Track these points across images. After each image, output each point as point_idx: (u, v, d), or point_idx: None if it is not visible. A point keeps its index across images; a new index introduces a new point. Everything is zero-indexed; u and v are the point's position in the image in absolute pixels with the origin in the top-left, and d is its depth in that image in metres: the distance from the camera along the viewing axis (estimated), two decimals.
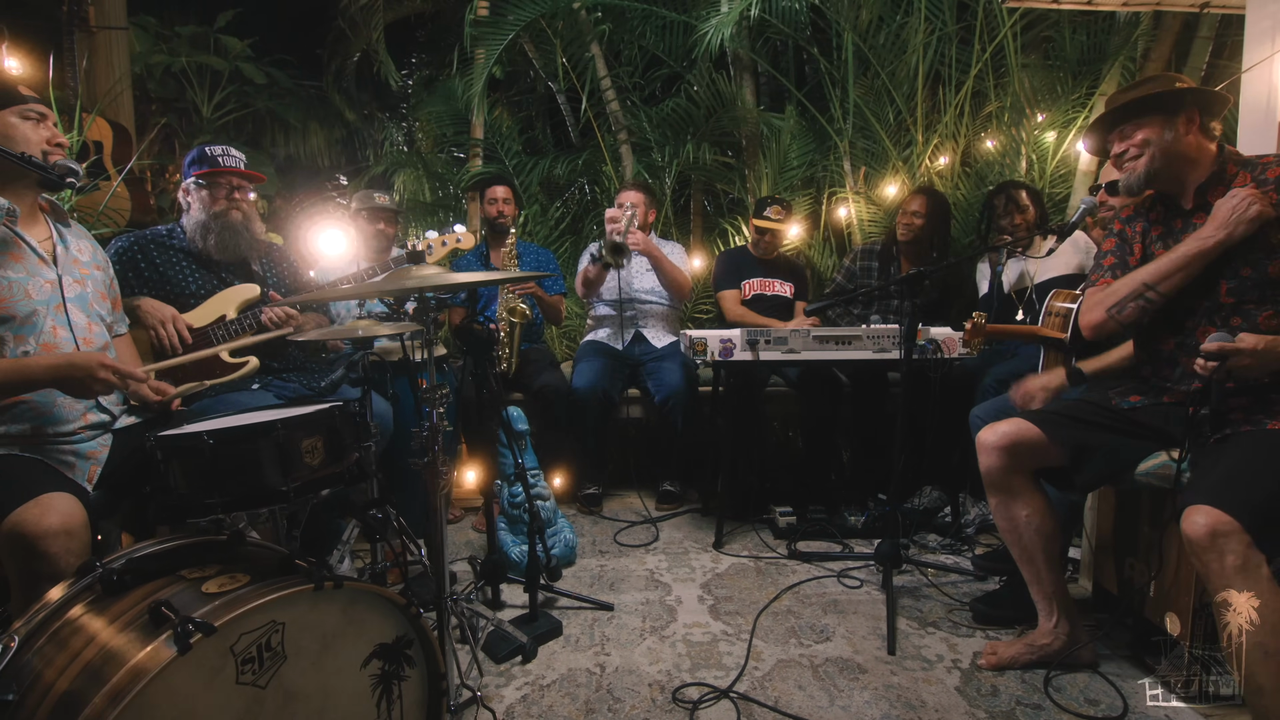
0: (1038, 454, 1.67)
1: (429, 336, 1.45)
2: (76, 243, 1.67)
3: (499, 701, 1.62)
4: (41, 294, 1.51)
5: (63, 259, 1.59)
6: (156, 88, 4.65)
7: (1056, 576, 1.71)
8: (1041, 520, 1.68)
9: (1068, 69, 3.42)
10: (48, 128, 1.56)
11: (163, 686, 0.92)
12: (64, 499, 1.32)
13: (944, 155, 3.67)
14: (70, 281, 1.58)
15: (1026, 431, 1.67)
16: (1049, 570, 1.70)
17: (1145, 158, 1.59)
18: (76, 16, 3.16)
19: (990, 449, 1.69)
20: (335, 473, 1.44)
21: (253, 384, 2.08)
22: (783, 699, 1.62)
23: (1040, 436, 1.65)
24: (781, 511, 2.63)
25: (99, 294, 1.67)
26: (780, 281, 3.18)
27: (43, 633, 1.07)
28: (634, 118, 4.07)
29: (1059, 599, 1.70)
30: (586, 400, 2.76)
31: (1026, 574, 1.73)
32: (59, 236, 1.61)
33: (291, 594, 1.03)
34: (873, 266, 3.09)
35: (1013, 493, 1.69)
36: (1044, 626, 1.73)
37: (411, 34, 5.64)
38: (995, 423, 1.72)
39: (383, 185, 4.92)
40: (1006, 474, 1.68)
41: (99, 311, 1.65)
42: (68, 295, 1.56)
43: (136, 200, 3.14)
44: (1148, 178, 1.61)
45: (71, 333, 1.55)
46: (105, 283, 1.73)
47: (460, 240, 2.45)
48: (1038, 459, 1.67)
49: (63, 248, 1.60)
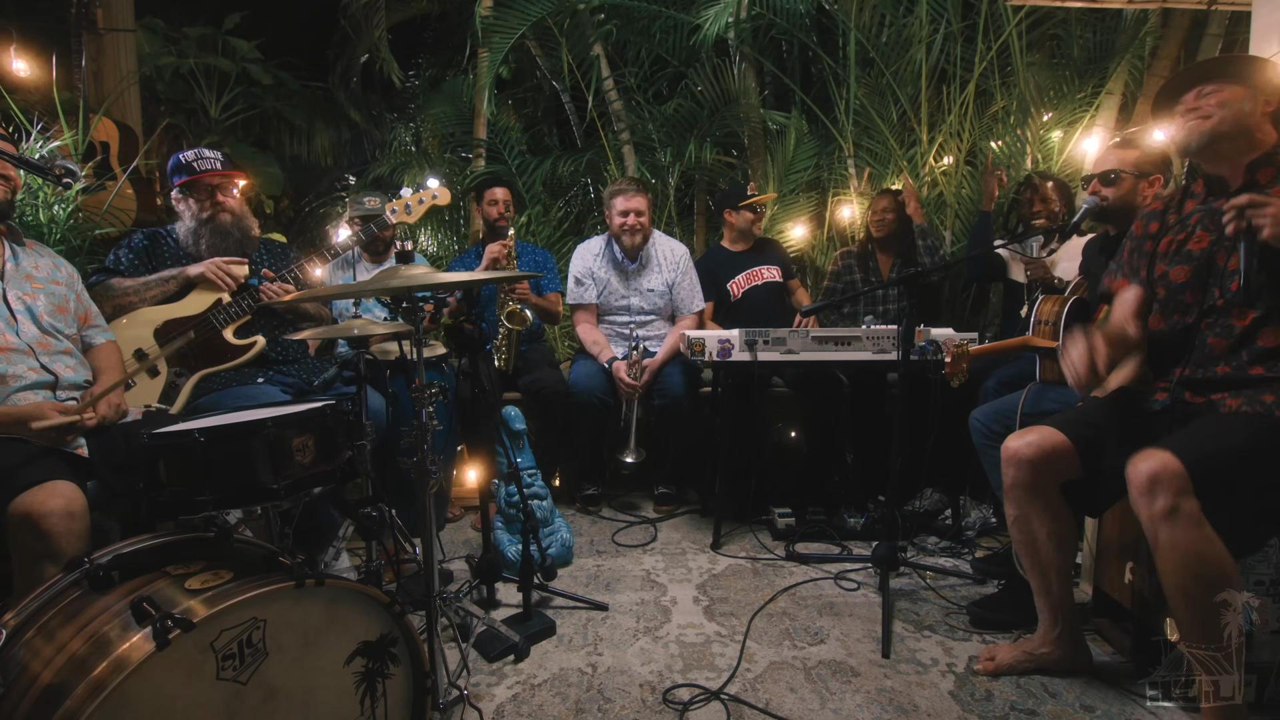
0: (1066, 466, 1.60)
1: (418, 336, 1.45)
2: (33, 260, 1.78)
3: (489, 700, 1.62)
4: None
5: (11, 275, 1.71)
6: (165, 89, 4.70)
7: (1066, 589, 1.67)
8: (1061, 538, 1.63)
9: (1074, 67, 3.39)
10: None
11: (143, 681, 0.93)
12: (66, 485, 1.42)
13: (948, 155, 3.65)
14: (17, 295, 1.70)
15: (1055, 440, 1.60)
16: (1060, 584, 1.66)
17: (1216, 119, 1.51)
18: (85, 18, 3.21)
19: (1018, 461, 1.61)
20: (327, 471, 1.44)
21: (257, 378, 2.11)
22: (774, 701, 1.61)
23: (1067, 445, 1.59)
24: (780, 513, 2.62)
25: (55, 308, 1.76)
26: (767, 267, 3.16)
27: (31, 625, 1.09)
28: (638, 117, 4.07)
29: (1064, 610, 1.67)
30: (585, 403, 2.75)
31: (1035, 583, 1.69)
32: (11, 254, 1.74)
33: (273, 591, 1.04)
34: (852, 266, 3.14)
35: (1037, 508, 1.63)
36: (1045, 635, 1.69)
37: (418, 34, 5.67)
38: (1023, 431, 1.66)
39: (389, 185, 4.95)
40: (1032, 490, 1.62)
41: (53, 323, 1.74)
42: (14, 308, 1.68)
43: (142, 200, 3.18)
44: (1212, 137, 1.52)
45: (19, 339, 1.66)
46: (67, 297, 1.81)
47: (436, 196, 2.40)
48: (1065, 471, 1.61)
49: (13, 264, 1.73)
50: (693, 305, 3.03)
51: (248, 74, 5.02)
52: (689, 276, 3.04)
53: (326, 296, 2.24)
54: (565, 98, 4.44)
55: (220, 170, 2.11)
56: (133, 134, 3.29)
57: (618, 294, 3.01)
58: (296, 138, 5.43)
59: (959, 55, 3.51)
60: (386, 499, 1.84)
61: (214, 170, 2.09)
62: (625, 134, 4.06)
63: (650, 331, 3.03)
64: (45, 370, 1.67)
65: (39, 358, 1.67)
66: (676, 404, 2.76)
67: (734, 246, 3.19)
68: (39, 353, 1.68)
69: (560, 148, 4.64)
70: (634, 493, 3.10)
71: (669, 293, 3.02)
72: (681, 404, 2.76)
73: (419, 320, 1.44)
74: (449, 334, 1.79)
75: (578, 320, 3.04)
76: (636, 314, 3.02)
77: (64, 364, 1.72)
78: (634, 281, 3.00)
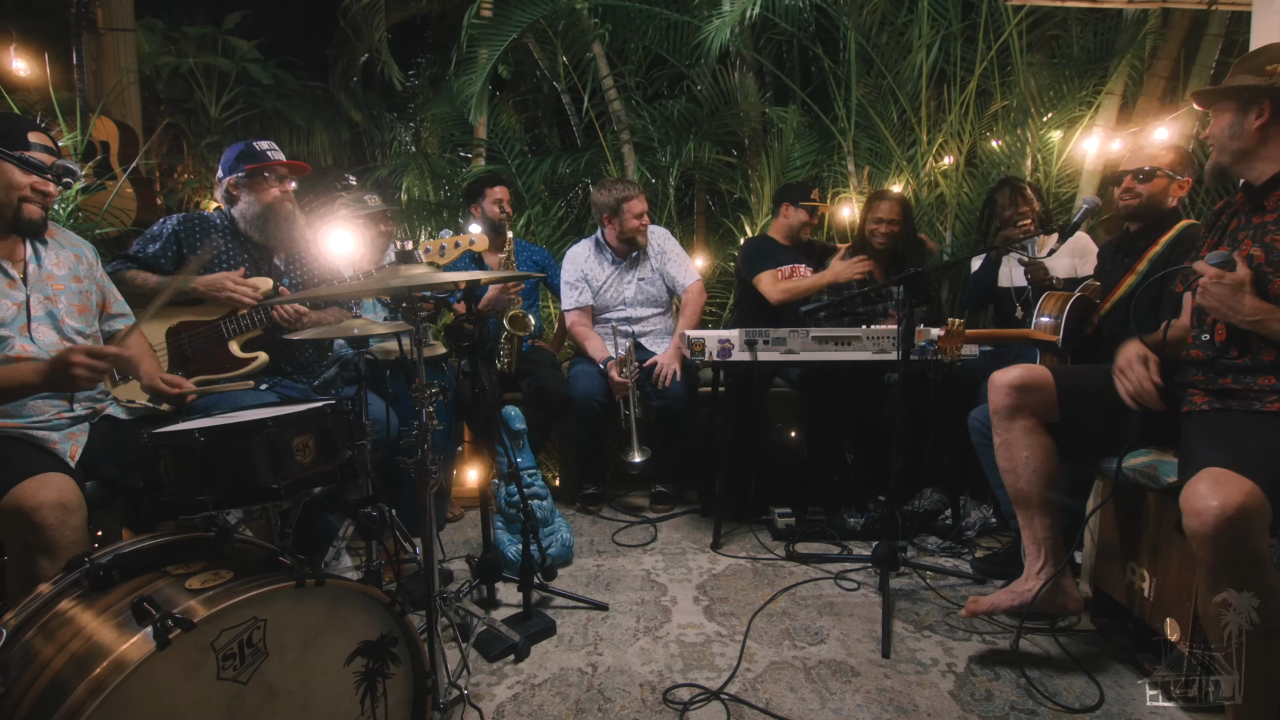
0: (1047, 403, 1.69)
1: (418, 335, 1.45)
2: (55, 257, 1.71)
3: (489, 700, 1.62)
4: (6, 314, 1.56)
5: (34, 278, 1.65)
6: (164, 88, 4.70)
7: (1049, 522, 1.71)
8: (1041, 461, 1.69)
9: (1074, 67, 3.38)
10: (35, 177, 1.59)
11: (143, 680, 0.93)
12: (59, 477, 1.40)
13: (949, 155, 3.64)
14: (39, 300, 1.64)
15: (1040, 377, 1.70)
16: (1042, 514, 1.71)
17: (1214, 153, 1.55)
18: (85, 18, 3.20)
19: (1003, 386, 1.72)
20: (327, 471, 1.45)
21: (261, 384, 2.10)
22: (774, 701, 1.61)
23: (1049, 382, 1.68)
24: (780, 513, 2.62)
25: (74, 307, 1.71)
26: (805, 267, 3.12)
27: (32, 625, 1.08)
28: (637, 117, 4.07)
29: (1048, 545, 1.71)
30: (584, 405, 2.75)
31: (1020, 518, 1.75)
32: (34, 255, 1.67)
33: (273, 591, 1.04)
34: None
35: (1017, 431, 1.71)
36: (1029, 570, 1.73)
37: (418, 34, 5.67)
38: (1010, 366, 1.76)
39: (389, 185, 4.95)
40: (1013, 411, 1.71)
41: (74, 326, 1.70)
42: (34, 314, 1.62)
43: (143, 200, 3.18)
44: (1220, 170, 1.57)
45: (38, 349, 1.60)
46: (88, 291, 1.77)
47: (474, 242, 2.43)
48: (1043, 406, 1.70)
49: (35, 266, 1.66)
50: (688, 279, 3.05)
51: (247, 73, 5.02)
52: (674, 251, 3.08)
53: (326, 296, 2.23)
54: (565, 98, 4.44)
55: (288, 161, 2.18)
56: (133, 134, 3.29)
57: (612, 291, 3.04)
58: (296, 138, 5.42)
59: (959, 55, 3.51)
60: (387, 499, 1.84)
61: (284, 161, 2.17)
62: (625, 134, 4.06)
63: (648, 327, 3.05)
64: None
65: None
66: (676, 404, 2.76)
67: (788, 238, 3.12)
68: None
69: (560, 147, 4.64)
70: (634, 493, 3.10)
71: (659, 278, 3.06)
72: (681, 404, 2.76)
73: (419, 320, 1.44)
74: (449, 334, 1.79)
75: (573, 324, 3.05)
76: (633, 305, 3.05)
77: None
78: (627, 275, 3.04)
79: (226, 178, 2.16)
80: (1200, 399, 1.53)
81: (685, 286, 3.03)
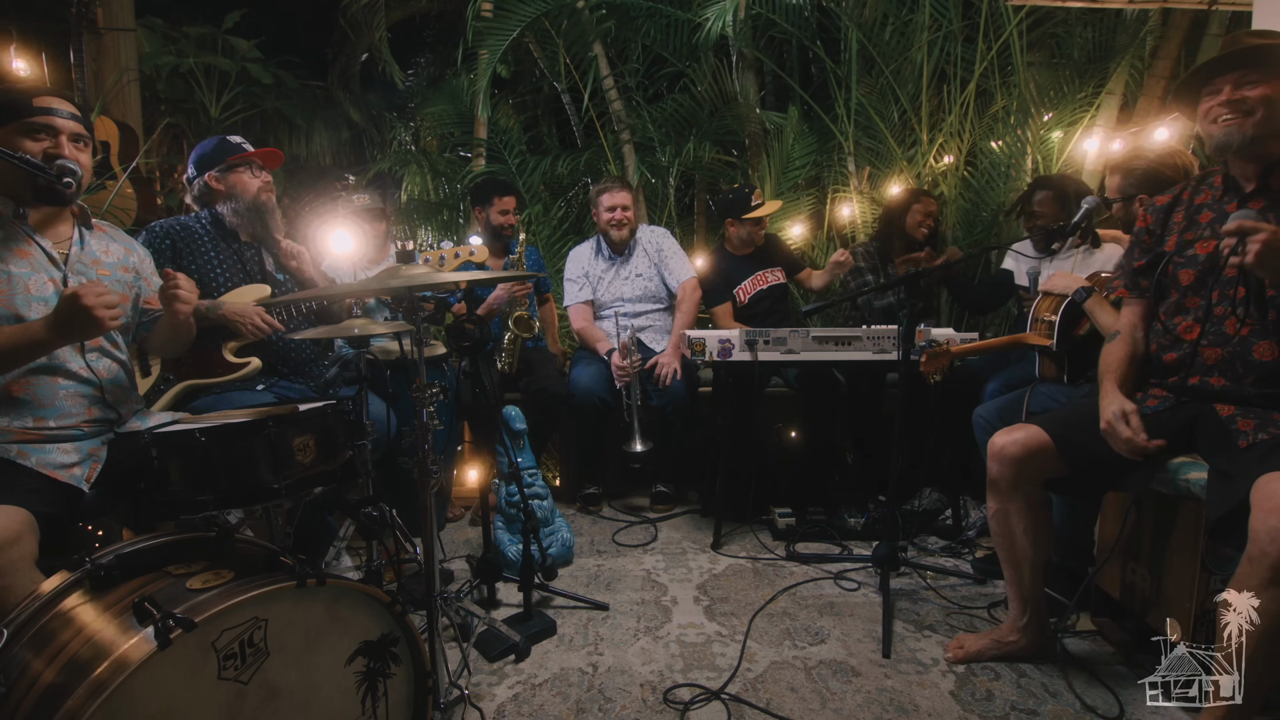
0: (1049, 466, 1.62)
1: (418, 336, 1.45)
2: (102, 245, 1.68)
3: (490, 700, 1.62)
4: (42, 291, 1.53)
5: (74, 259, 1.60)
6: (165, 88, 4.69)
7: (1036, 582, 1.70)
8: (1037, 534, 1.66)
9: (1074, 67, 3.38)
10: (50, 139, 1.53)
11: (144, 680, 0.93)
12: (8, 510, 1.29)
13: (949, 155, 3.64)
14: (76, 281, 1.58)
15: (1040, 441, 1.61)
16: (1031, 577, 1.69)
17: (1257, 117, 1.41)
18: (85, 18, 3.20)
19: (1004, 458, 1.63)
20: (328, 470, 1.45)
21: (258, 385, 2.10)
22: (774, 701, 1.61)
23: (1051, 447, 1.60)
24: (781, 513, 2.62)
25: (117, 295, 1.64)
26: (771, 271, 3.14)
27: (32, 626, 1.08)
28: (637, 117, 4.07)
29: (1033, 601, 1.71)
30: (585, 405, 2.75)
31: (1008, 574, 1.74)
32: (79, 238, 1.63)
33: (274, 590, 1.04)
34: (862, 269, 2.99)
35: (1016, 505, 1.65)
36: (1013, 623, 1.74)
37: (418, 33, 5.67)
38: (1010, 428, 1.67)
39: (389, 184, 4.95)
40: (1014, 485, 1.64)
41: None
42: None
43: (143, 199, 3.18)
44: (1253, 140, 1.43)
45: None
46: (133, 284, 1.73)
47: (474, 254, 2.43)
48: (1048, 470, 1.63)
49: (78, 248, 1.62)
50: (682, 274, 3.06)
51: (247, 73, 5.01)
52: (671, 249, 3.10)
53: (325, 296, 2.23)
54: (565, 98, 4.43)
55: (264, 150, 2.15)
56: (133, 133, 3.29)
57: (610, 286, 3.07)
58: (296, 137, 5.42)
59: (959, 55, 3.51)
60: (387, 499, 1.84)
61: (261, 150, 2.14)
62: (625, 133, 4.05)
63: (646, 322, 3.07)
64: (90, 370, 1.58)
65: (85, 355, 1.58)
66: (677, 403, 2.76)
67: (738, 251, 3.16)
68: (86, 349, 1.58)
69: (560, 147, 4.64)
70: (635, 493, 3.10)
71: (657, 274, 3.08)
72: (682, 403, 2.76)
73: (419, 320, 1.44)
74: (451, 334, 1.79)
75: (575, 318, 3.07)
76: (630, 300, 3.07)
77: (105, 365, 1.62)
78: (623, 271, 3.08)
79: (205, 174, 2.11)
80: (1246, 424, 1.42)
81: (680, 283, 3.04)
